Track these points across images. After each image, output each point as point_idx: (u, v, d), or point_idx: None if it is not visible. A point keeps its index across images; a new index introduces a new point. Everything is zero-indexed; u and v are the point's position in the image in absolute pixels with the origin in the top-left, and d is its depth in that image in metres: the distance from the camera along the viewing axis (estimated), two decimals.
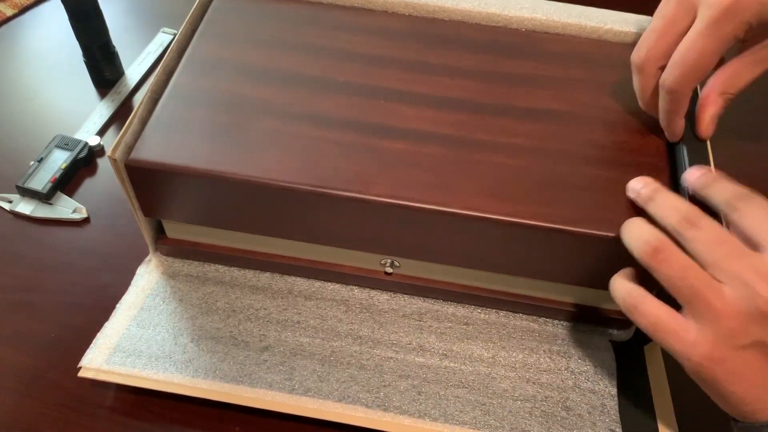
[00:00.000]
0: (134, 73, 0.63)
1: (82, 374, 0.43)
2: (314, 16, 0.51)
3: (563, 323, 0.47)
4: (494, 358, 0.45)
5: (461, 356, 0.45)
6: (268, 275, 0.49)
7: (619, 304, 0.38)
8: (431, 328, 0.47)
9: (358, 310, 0.47)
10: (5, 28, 0.67)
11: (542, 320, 0.47)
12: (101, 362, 0.44)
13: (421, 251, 0.44)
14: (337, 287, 0.49)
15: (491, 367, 0.45)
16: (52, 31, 0.67)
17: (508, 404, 0.43)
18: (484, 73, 0.47)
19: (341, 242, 0.45)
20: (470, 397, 0.43)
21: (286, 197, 0.41)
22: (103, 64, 0.61)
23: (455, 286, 0.47)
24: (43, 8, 0.69)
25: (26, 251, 0.51)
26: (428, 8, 0.51)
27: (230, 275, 0.49)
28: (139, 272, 0.49)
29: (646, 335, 0.46)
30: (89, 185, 0.56)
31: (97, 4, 0.58)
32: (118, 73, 0.62)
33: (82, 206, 0.53)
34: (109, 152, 0.41)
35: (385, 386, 0.44)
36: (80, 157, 0.56)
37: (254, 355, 0.45)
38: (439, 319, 0.47)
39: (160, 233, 0.49)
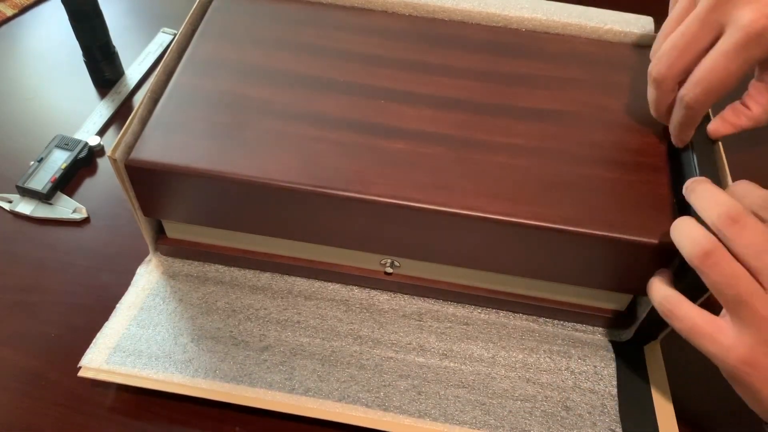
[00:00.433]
0: (134, 73, 0.63)
1: (82, 374, 0.43)
2: (314, 16, 0.51)
3: (563, 323, 0.47)
4: (494, 358, 0.45)
5: (461, 356, 0.45)
6: (268, 275, 0.49)
7: (656, 307, 0.38)
8: (431, 328, 0.47)
9: (358, 310, 0.47)
10: (5, 28, 0.67)
11: (542, 320, 0.47)
12: (101, 362, 0.44)
13: (421, 251, 0.44)
14: (337, 287, 0.49)
15: (491, 367, 0.45)
16: (52, 31, 0.67)
17: (508, 404, 0.43)
18: (484, 73, 0.47)
19: (341, 242, 0.45)
20: (470, 396, 0.43)
21: (286, 197, 0.41)
22: (103, 64, 0.61)
23: (455, 286, 0.47)
24: (43, 8, 0.69)
25: (26, 251, 0.51)
26: (428, 8, 0.51)
27: (230, 275, 0.49)
28: (139, 272, 0.49)
29: (646, 335, 0.46)
30: (89, 185, 0.56)
31: (97, 4, 0.58)
32: (118, 73, 0.62)
33: (82, 206, 0.53)
34: (109, 152, 0.41)
35: (385, 386, 0.44)
36: (80, 157, 0.56)
37: (254, 354, 0.45)
38: (439, 319, 0.47)
39: (160, 233, 0.49)
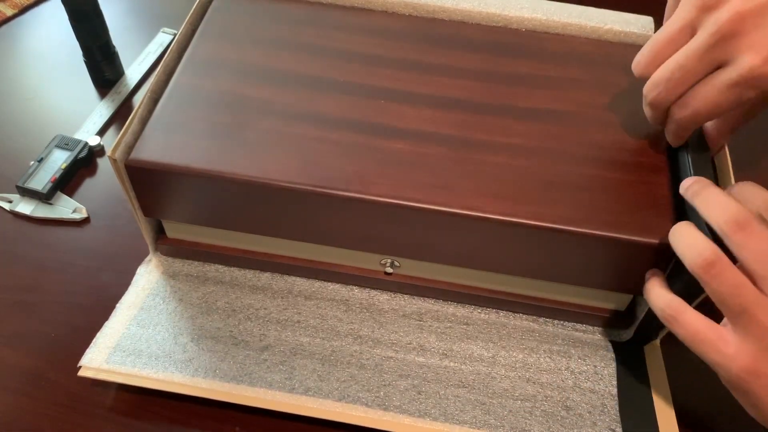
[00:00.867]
0: (134, 73, 0.63)
1: (82, 373, 0.43)
2: (314, 16, 0.51)
3: (563, 323, 0.47)
4: (494, 357, 0.45)
5: (461, 356, 0.45)
6: (268, 275, 0.49)
7: (657, 314, 0.38)
8: (431, 327, 0.47)
9: (358, 309, 0.47)
10: (5, 28, 0.67)
11: (542, 320, 0.47)
12: (101, 361, 0.44)
13: (421, 251, 0.44)
14: (337, 287, 0.49)
15: (491, 366, 0.45)
16: (52, 31, 0.67)
17: (508, 404, 0.43)
18: (484, 73, 0.47)
19: (341, 242, 0.45)
20: (470, 396, 0.43)
21: (286, 197, 0.41)
22: (103, 64, 0.61)
23: (455, 286, 0.47)
24: (43, 8, 0.69)
25: (26, 251, 0.51)
26: (428, 8, 0.51)
27: (230, 275, 0.49)
28: (139, 272, 0.49)
29: (646, 335, 0.46)
30: (89, 185, 0.56)
31: (97, 4, 0.58)
32: (118, 73, 0.62)
33: (82, 206, 0.53)
34: (109, 152, 0.41)
35: (385, 386, 0.44)
36: (80, 157, 0.56)
37: (254, 354, 0.45)
38: (439, 319, 0.47)
39: (160, 233, 0.49)
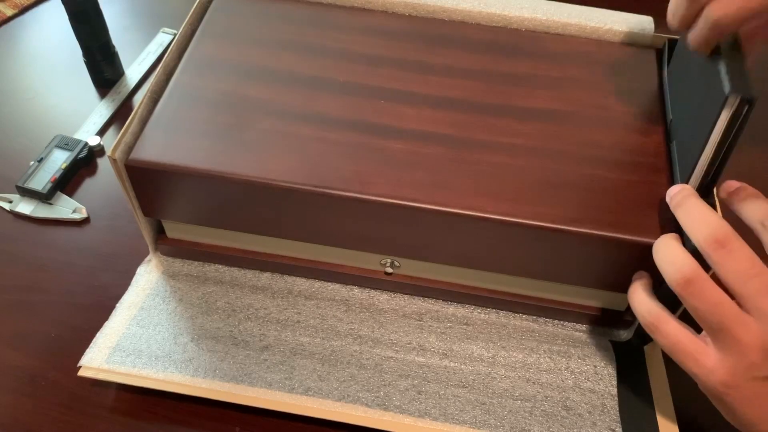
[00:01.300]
0: (134, 73, 0.63)
1: (81, 373, 0.43)
2: (314, 16, 0.51)
3: (563, 323, 0.47)
4: (494, 357, 0.45)
5: (461, 356, 0.45)
6: (268, 275, 0.49)
7: (639, 319, 0.38)
8: (431, 327, 0.47)
9: (358, 309, 0.47)
10: (5, 28, 0.67)
11: (542, 320, 0.47)
12: (101, 361, 0.44)
13: (421, 251, 0.44)
14: (337, 287, 0.49)
15: (491, 366, 0.45)
16: (52, 31, 0.67)
17: (508, 404, 0.43)
18: (484, 73, 0.47)
19: (341, 242, 0.45)
20: (470, 396, 0.43)
21: (286, 197, 0.41)
22: (103, 64, 0.61)
23: (455, 286, 0.47)
24: (43, 8, 0.69)
25: (26, 251, 0.51)
26: (428, 8, 0.51)
27: (230, 275, 0.49)
28: (139, 272, 0.49)
29: (646, 335, 0.46)
30: (89, 185, 0.56)
31: (97, 4, 0.58)
32: (118, 73, 0.62)
33: (82, 206, 0.53)
34: (109, 152, 0.41)
35: (385, 385, 0.44)
36: (80, 157, 0.56)
37: (254, 354, 0.45)
38: (439, 319, 0.47)
39: (160, 233, 0.49)
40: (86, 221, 0.53)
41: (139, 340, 0.45)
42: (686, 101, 0.42)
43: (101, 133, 0.59)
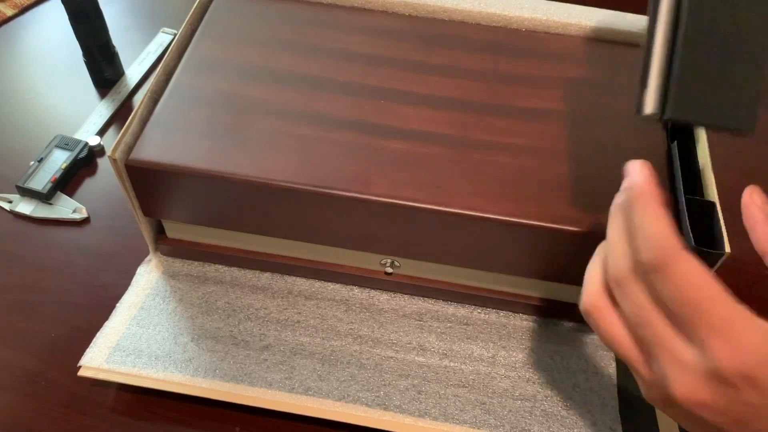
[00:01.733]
0: (134, 73, 0.63)
1: (82, 373, 0.43)
2: (314, 16, 0.51)
3: (563, 323, 0.47)
4: (494, 357, 0.45)
5: (461, 356, 0.45)
6: (268, 275, 0.49)
7: (579, 307, 0.35)
8: (431, 327, 0.47)
9: (358, 309, 0.47)
10: (5, 28, 0.67)
11: (542, 320, 0.47)
12: (101, 361, 0.44)
13: (421, 251, 0.44)
14: (337, 287, 0.49)
15: (491, 366, 0.45)
16: (52, 31, 0.67)
17: (508, 403, 0.43)
18: (484, 73, 0.48)
19: (341, 242, 0.45)
20: (470, 396, 0.43)
21: (286, 197, 0.41)
22: (103, 64, 0.61)
23: (455, 286, 0.47)
24: (43, 8, 0.69)
25: (26, 251, 0.51)
26: (428, 8, 0.51)
27: (230, 275, 0.49)
28: (139, 272, 0.49)
29: None
30: (89, 185, 0.56)
31: (97, 4, 0.58)
32: (118, 73, 0.62)
33: (82, 206, 0.53)
34: (109, 152, 0.41)
35: (385, 385, 0.44)
36: (80, 157, 0.56)
37: (254, 354, 0.45)
38: (439, 319, 0.47)
39: (160, 233, 0.49)
40: (86, 221, 0.53)
41: (139, 340, 0.45)
42: None
43: (101, 133, 0.59)
